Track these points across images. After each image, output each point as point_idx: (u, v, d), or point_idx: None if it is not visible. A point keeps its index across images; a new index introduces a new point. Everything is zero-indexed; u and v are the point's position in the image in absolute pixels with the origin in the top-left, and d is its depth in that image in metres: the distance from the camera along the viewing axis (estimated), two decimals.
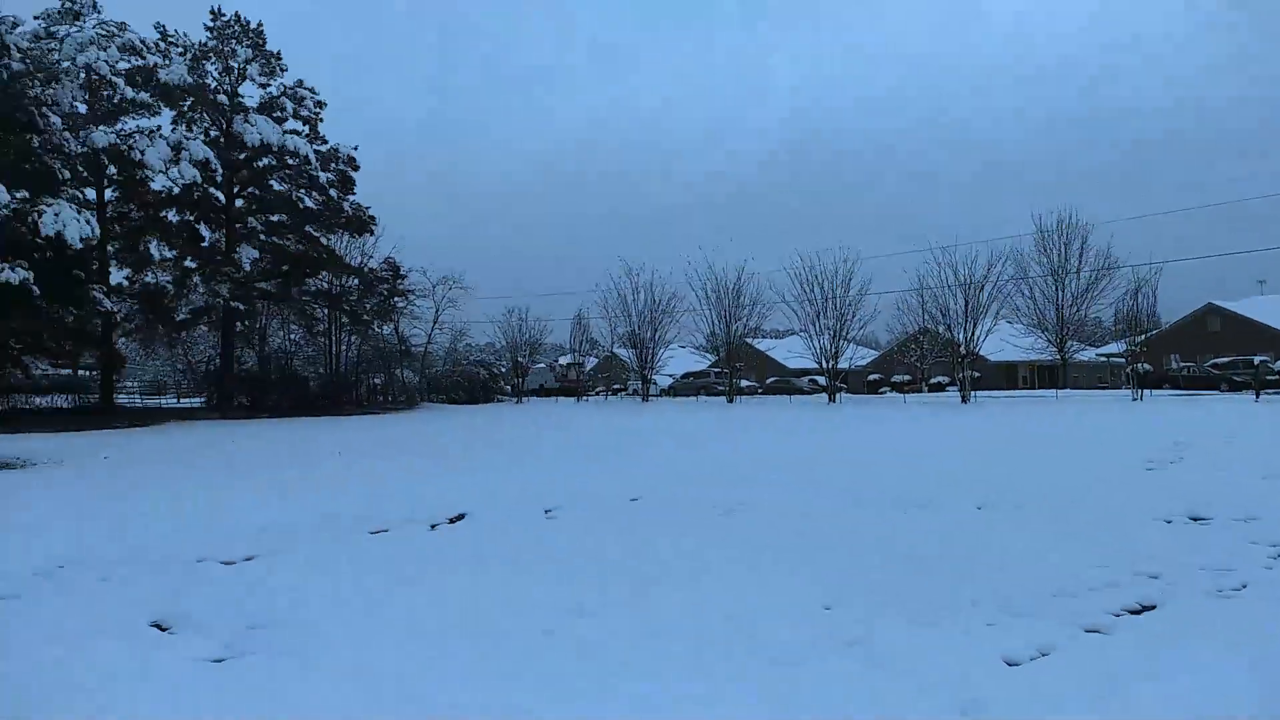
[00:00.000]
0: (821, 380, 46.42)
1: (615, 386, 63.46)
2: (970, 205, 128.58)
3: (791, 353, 54.30)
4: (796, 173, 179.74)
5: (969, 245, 48.07)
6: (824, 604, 5.70)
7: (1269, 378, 35.17)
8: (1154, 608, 5.81)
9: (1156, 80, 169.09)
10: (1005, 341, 47.92)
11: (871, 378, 60.27)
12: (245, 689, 4.08)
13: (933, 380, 53.83)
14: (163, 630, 5.05)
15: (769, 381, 59.15)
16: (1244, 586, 6.22)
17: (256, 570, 6.59)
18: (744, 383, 52.39)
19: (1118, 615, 5.62)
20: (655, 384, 52.75)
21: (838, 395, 42.37)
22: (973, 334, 39.76)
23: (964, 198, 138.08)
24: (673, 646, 4.82)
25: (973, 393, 38.97)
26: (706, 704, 4.06)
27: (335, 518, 9.08)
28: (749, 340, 55.64)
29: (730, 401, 44.37)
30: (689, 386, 55.96)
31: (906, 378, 55.82)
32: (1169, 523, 8.53)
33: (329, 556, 7.08)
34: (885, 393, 54.19)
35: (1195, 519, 8.64)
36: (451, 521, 8.99)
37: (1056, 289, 45.08)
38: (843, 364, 43.82)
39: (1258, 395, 30.87)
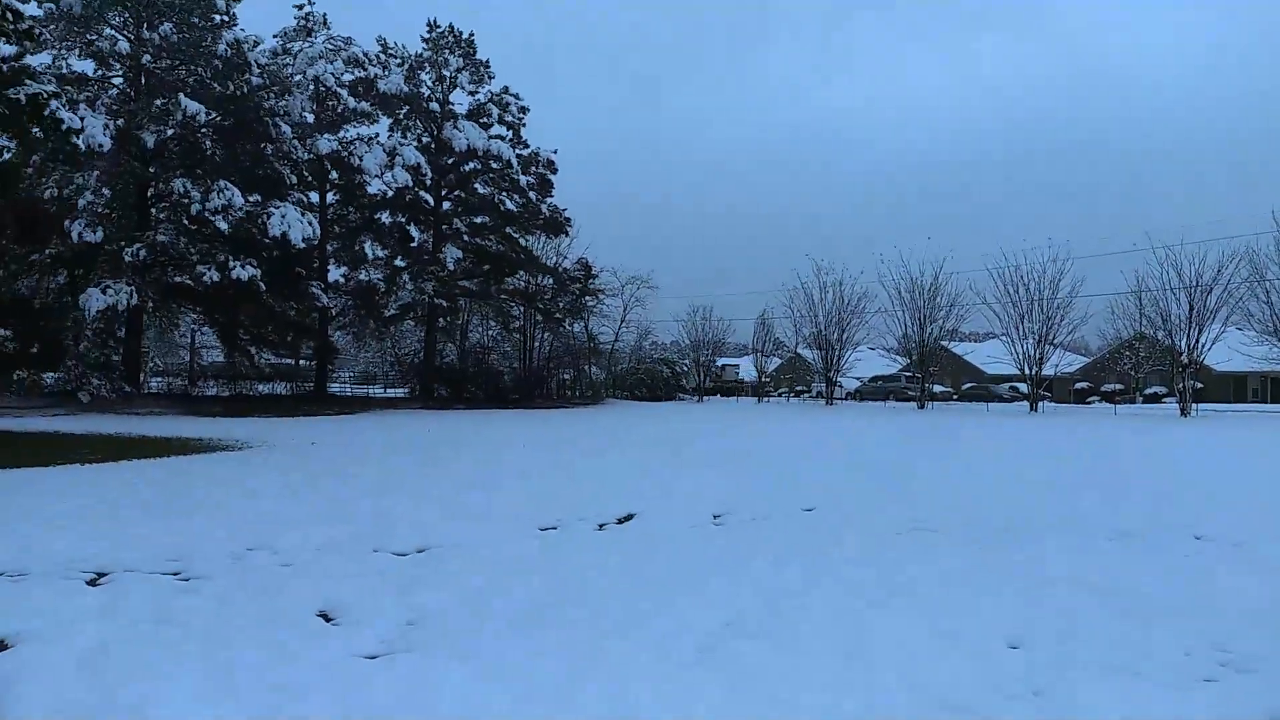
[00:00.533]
0: (1023, 387, 43.72)
1: (798, 388, 62.45)
2: (1197, 202, 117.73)
3: (991, 357, 51.61)
4: (1002, 169, 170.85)
5: (1195, 244, 44.01)
6: (1009, 642, 5.16)
7: None
8: None
9: None
10: (1234, 350, 43.38)
11: (1078, 386, 56.34)
12: (392, 689, 4.07)
13: (1148, 390, 49.71)
14: (328, 620, 5.18)
15: (965, 387, 56.47)
16: None
17: (425, 564, 6.71)
18: (937, 388, 50.18)
19: None
20: (841, 386, 51.38)
21: (1040, 404, 39.80)
22: (1197, 341, 36.34)
23: (1189, 193, 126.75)
24: (819, 675, 4.47)
25: (1194, 405, 35.60)
26: None
27: (509, 511, 9.23)
28: (944, 343, 53.21)
29: (921, 407, 42.56)
30: (877, 390, 54.14)
31: (1118, 387, 51.77)
32: None
33: (496, 552, 7.14)
34: (1093, 402, 50.53)
35: None
36: (620, 522, 8.92)
37: None
38: (1047, 370, 41.14)
39: None
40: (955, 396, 53.92)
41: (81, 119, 28.07)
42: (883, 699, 4.22)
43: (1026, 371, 40.24)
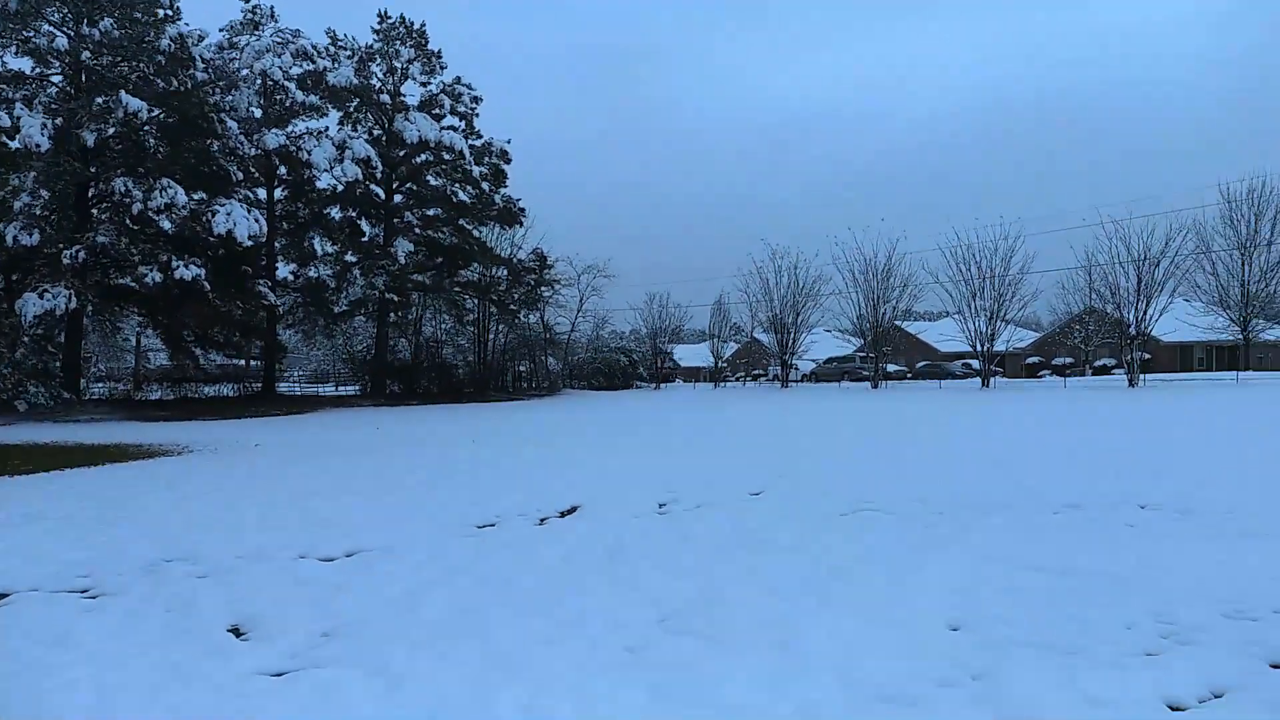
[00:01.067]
0: (976, 364, 44.12)
1: (755, 372, 62.66)
2: (1151, 178, 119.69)
3: (944, 336, 52.10)
4: (956, 152, 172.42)
5: (1145, 218, 44.83)
6: (949, 624, 5.03)
7: None
8: None
9: None
10: (1180, 321, 44.21)
11: (1030, 361, 57.05)
12: (289, 710, 3.83)
13: (1097, 363, 50.42)
14: (238, 635, 4.91)
15: (919, 366, 56.93)
16: None
17: (352, 569, 6.44)
18: (891, 367, 50.50)
19: None
20: (797, 369, 51.53)
21: (991, 380, 40.21)
22: (1144, 313, 36.86)
23: (1142, 170, 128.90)
24: (753, 674, 4.30)
25: (1141, 376, 36.14)
26: None
27: (447, 509, 8.97)
28: (898, 323, 53.56)
29: (875, 387, 42.84)
30: (832, 372, 54.45)
31: (1068, 361, 52.49)
32: None
33: (429, 554, 6.88)
34: (1044, 376, 51.13)
35: None
36: (562, 515, 8.70)
37: (1243, 263, 41.42)
38: (999, 346, 41.50)
39: None
40: (909, 375, 54.32)
41: (17, 118, 27.18)
42: (817, 696, 4.05)
43: (978, 348, 40.53)
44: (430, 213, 43.59)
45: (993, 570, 6.14)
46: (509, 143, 43.49)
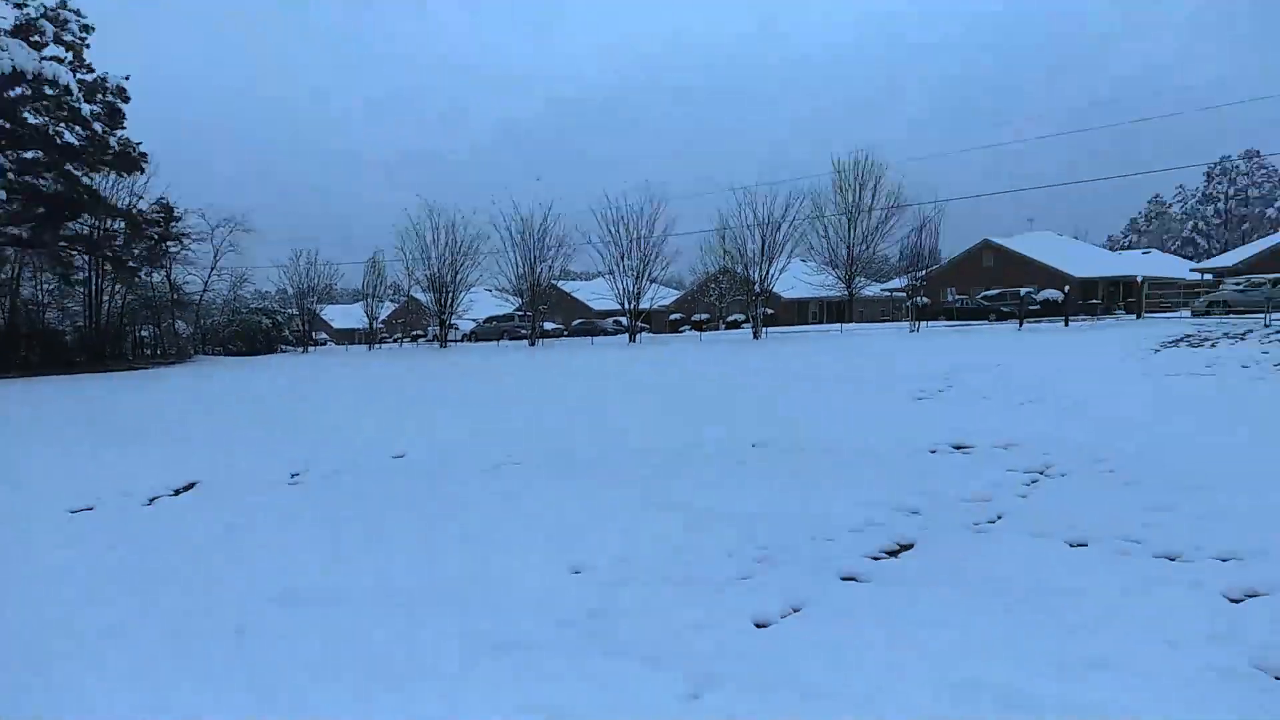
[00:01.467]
0: (625, 321, 46.46)
1: (415, 332, 61.50)
2: (778, 156, 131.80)
3: (597, 294, 54.21)
4: (614, 119, 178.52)
5: (771, 186, 49.69)
6: (572, 568, 5.24)
7: (1031, 308, 37.78)
8: (911, 546, 5.68)
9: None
10: (798, 279, 49.63)
11: (673, 317, 61.16)
12: None
13: (730, 318, 55.15)
14: None
15: (574, 324, 58.91)
16: (999, 518, 6.23)
17: None
18: (548, 325, 51.80)
19: (876, 559, 5.44)
20: (457, 328, 51.25)
21: (639, 336, 42.63)
22: (767, 272, 40.77)
23: (774, 148, 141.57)
24: (370, 638, 4.20)
25: (765, 329, 40.07)
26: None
27: (34, 492, 7.82)
28: (556, 282, 54.90)
29: (532, 345, 43.74)
30: (491, 331, 54.78)
31: (706, 317, 56.99)
32: (933, 453, 8.66)
33: (8, 540, 5.97)
34: (685, 331, 55.06)
35: (959, 448, 8.80)
36: (176, 493, 7.93)
37: (849, 228, 47.23)
38: (645, 304, 43.95)
39: (1021, 324, 32.96)
40: (565, 333, 56.04)
41: None
42: (434, 652, 4.03)
43: (626, 306, 42.67)
44: (28, 155, 37.54)
45: (612, 513, 6.49)
46: (128, 79, 38.42)
